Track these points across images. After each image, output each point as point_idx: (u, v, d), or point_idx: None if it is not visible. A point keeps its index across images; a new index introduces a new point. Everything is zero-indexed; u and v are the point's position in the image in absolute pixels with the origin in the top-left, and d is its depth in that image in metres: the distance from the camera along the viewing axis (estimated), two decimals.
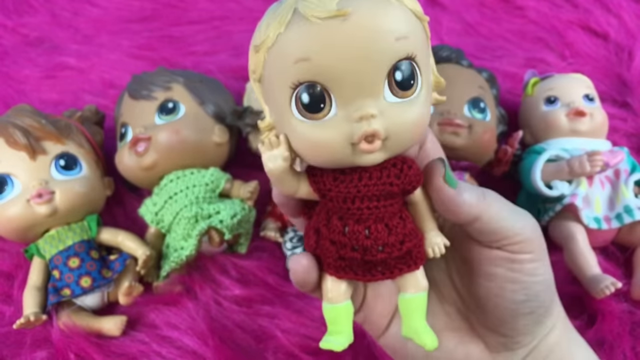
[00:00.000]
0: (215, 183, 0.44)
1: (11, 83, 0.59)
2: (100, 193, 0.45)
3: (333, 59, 0.20)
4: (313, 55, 0.20)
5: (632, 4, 0.60)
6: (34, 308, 0.40)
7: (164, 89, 0.45)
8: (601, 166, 0.40)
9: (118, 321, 0.40)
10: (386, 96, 0.21)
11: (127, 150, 0.43)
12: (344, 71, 0.20)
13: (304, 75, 0.21)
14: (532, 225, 0.25)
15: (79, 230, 0.42)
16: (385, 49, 0.20)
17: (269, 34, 0.21)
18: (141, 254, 0.41)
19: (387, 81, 0.21)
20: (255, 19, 0.74)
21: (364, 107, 0.21)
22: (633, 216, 0.40)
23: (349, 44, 0.20)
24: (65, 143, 0.43)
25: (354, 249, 0.24)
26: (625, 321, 0.38)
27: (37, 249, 0.42)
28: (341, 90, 0.21)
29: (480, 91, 0.44)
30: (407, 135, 0.22)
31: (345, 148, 0.21)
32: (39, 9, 0.68)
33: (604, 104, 0.51)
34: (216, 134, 0.45)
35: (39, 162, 0.41)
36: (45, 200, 0.40)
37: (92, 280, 0.40)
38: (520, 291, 0.25)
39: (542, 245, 0.25)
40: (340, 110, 0.21)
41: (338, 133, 0.21)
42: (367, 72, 0.21)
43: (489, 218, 0.24)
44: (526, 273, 0.25)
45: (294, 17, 0.20)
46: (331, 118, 0.21)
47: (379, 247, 0.23)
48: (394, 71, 0.21)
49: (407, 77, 0.21)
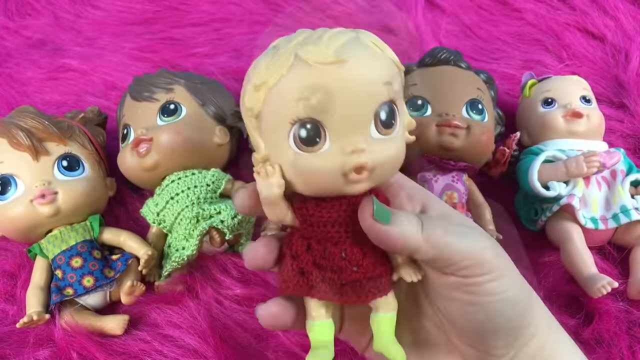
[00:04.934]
0: (216, 184, 0.44)
1: (14, 85, 0.60)
2: (103, 193, 0.45)
3: (330, 100, 0.22)
4: (312, 96, 0.22)
5: (628, 6, 0.60)
6: (37, 307, 0.40)
7: (165, 90, 0.46)
8: (598, 167, 0.40)
9: (120, 320, 0.40)
10: (372, 133, 0.24)
11: (129, 151, 0.44)
12: (339, 110, 0.23)
13: (303, 113, 0.23)
14: (481, 247, 0.25)
15: (82, 231, 0.43)
16: (374, 92, 0.23)
17: (271, 75, 0.23)
18: (143, 253, 0.42)
19: (373, 120, 0.23)
20: (255, 22, 0.75)
21: (355, 142, 0.23)
22: (629, 216, 0.41)
23: (344, 87, 0.22)
24: (68, 144, 0.43)
25: (333, 270, 0.25)
26: (622, 320, 0.38)
27: (40, 248, 0.42)
28: (335, 127, 0.23)
29: (479, 92, 0.44)
30: (388, 168, 0.25)
31: (337, 177, 0.23)
32: (41, 11, 0.68)
33: (600, 105, 0.51)
34: (217, 135, 0.45)
35: (42, 163, 0.42)
36: (48, 201, 0.40)
37: (95, 280, 0.41)
38: (480, 312, 0.25)
39: (501, 263, 0.25)
40: (333, 144, 0.23)
41: (332, 164, 0.23)
42: (358, 112, 0.23)
43: (429, 247, 0.24)
44: (484, 294, 0.25)
45: (296, 61, 0.22)
46: (325, 151, 0.23)
47: (354, 268, 0.25)
48: (379, 111, 0.23)
49: (389, 116, 0.24)
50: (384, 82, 0.23)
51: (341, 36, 0.23)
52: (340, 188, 0.24)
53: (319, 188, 0.25)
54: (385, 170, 0.25)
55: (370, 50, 0.23)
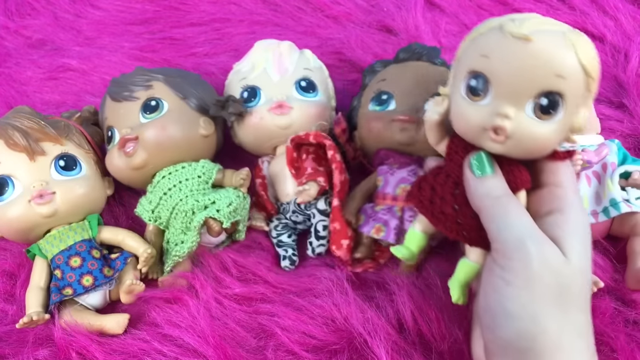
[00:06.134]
0: (207, 174, 0.45)
1: (13, 84, 0.60)
2: (101, 193, 0.45)
3: (504, 65, 0.27)
4: (493, 56, 0.27)
5: (628, 6, 0.60)
6: (37, 307, 0.40)
7: (144, 87, 0.45)
8: (582, 164, 0.40)
9: (120, 319, 0.40)
10: (527, 111, 0.28)
11: (116, 152, 0.44)
12: (508, 77, 0.27)
13: (480, 67, 0.28)
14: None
15: (80, 230, 0.42)
16: (542, 78, 0.27)
17: (477, 31, 0.29)
18: (142, 251, 0.42)
19: (533, 101, 0.27)
20: (255, 22, 0.75)
21: (506, 107, 0.27)
22: (619, 209, 0.41)
23: (520, 61, 0.26)
24: (65, 144, 0.43)
25: (454, 208, 0.31)
26: (618, 319, 0.38)
27: (38, 249, 0.42)
28: (498, 90, 0.28)
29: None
30: (525, 145, 0.28)
31: (478, 129, 0.29)
32: (41, 11, 0.68)
33: (600, 105, 0.51)
34: (202, 126, 0.45)
35: (38, 163, 0.42)
36: (46, 201, 0.40)
37: (94, 279, 0.41)
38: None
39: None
40: (491, 102, 0.28)
41: (480, 116, 0.28)
42: (522, 86, 0.27)
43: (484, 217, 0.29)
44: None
45: (496, 29, 0.28)
46: (483, 105, 0.28)
47: (473, 214, 0.30)
48: (542, 96, 0.27)
49: (549, 105, 0.27)
50: (557, 73, 0.26)
51: (546, 24, 0.27)
52: (478, 139, 0.29)
53: (464, 132, 0.30)
54: (523, 146, 0.28)
55: (563, 44, 0.26)
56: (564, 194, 0.30)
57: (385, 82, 0.44)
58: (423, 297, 0.39)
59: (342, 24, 0.63)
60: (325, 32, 0.62)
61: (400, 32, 0.60)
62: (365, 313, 0.38)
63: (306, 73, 0.47)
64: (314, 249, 0.44)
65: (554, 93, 0.27)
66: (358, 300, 0.39)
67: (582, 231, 0.29)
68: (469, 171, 0.30)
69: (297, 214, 0.45)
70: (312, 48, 0.51)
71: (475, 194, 0.29)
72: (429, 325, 0.38)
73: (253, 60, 0.48)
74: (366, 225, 0.42)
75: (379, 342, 0.36)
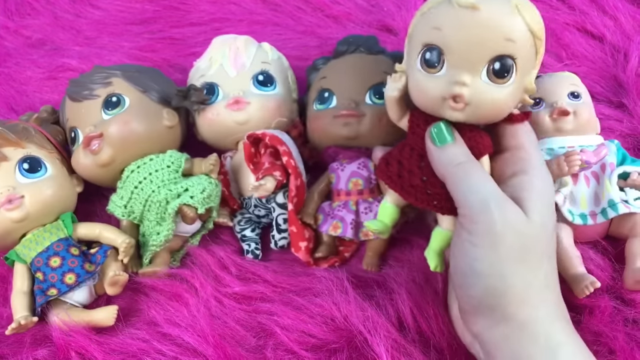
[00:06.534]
0: (176, 163, 0.45)
1: (13, 84, 0.60)
2: (70, 191, 0.45)
3: (456, 35, 0.28)
4: (444, 28, 0.29)
5: (628, 5, 0.60)
6: (24, 312, 0.40)
7: (103, 85, 0.45)
8: (580, 165, 0.40)
9: (110, 311, 0.40)
10: (482, 77, 0.29)
11: (81, 151, 0.44)
12: (460, 46, 0.28)
13: (433, 40, 0.29)
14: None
15: (55, 230, 0.42)
16: (493, 43, 0.28)
17: (427, 5, 0.30)
18: (121, 242, 0.42)
19: (487, 66, 0.29)
20: (255, 21, 0.75)
21: (463, 76, 0.29)
22: (617, 210, 0.41)
23: (470, 29, 0.28)
24: (26, 146, 0.43)
25: (422, 180, 0.32)
26: (617, 318, 0.38)
27: (16, 254, 0.42)
28: (453, 59, 0.29)
29: (384, 76, 0.44)
30: (486, 110, 0.30)
31: (438, 99, 0.30)
32: (41, 11, 0.68)
33: (599, 105, 0.51)
34: (165, 118, 0.45)
35: (2, 169, 0.41)
36: (15, 206, 0.40)
37: (76, 276, 0.41)
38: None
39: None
40: (447, 72, 0.29)
41: (437, 87, 0.29)
42: (475, 54, 0.28)
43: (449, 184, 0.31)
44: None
45: (445, 1, 0.29)
46: (439, 76, 0.29)
47: (441, 183, 0.31)
48: (494, 61, 0.28)
49: (502, 69, 0.28)
50: (506, 37, 0.28)
51: None
52: (439, 110, 0.30)
53: (425, 104, 0.31)
54: (482, 111, 0.30)
55: (509, 10, 0.28)
56: (526, 156, 0.32)
57: (325, 80, 0.45)
58: (422, 294, 0.39)
59: (342, 23, 0.63)
60: (325, 32, 0.62)
61: (400, 32, 0.61)
62: (365, 311, 0.38)
63: (264, 67, 0.47)
64: (276, 242, 0.45)
65: (506, 57, 0.28)
66: (358, 299, 0.39)
67: (544, 189, 0.31)
68: (430, 142, 0.31)
69: (259, 208, 0.45)
70: (312, 48, 0.52)
71: (438, 163, 0.31)
72: (428, 323, 0.38)
73: (210, 56, 0.49)
74: (324, 224, 0.43)
75: (378, 340, 0.36)
